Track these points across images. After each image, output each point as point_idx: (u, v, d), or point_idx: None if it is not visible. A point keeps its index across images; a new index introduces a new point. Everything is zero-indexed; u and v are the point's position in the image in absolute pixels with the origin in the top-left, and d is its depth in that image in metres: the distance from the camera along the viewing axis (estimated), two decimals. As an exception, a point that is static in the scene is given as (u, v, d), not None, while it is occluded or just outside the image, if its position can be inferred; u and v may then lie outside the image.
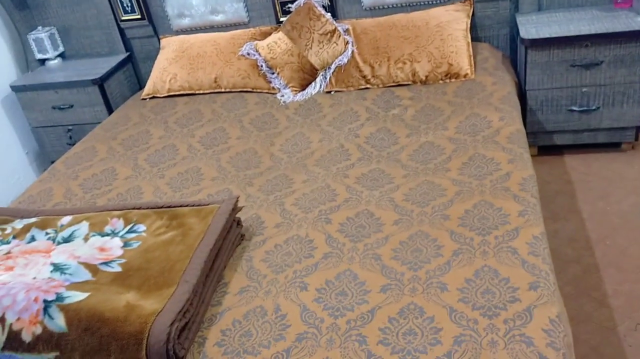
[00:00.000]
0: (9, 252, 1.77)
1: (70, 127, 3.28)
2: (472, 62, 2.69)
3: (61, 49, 3.46)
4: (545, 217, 2.00)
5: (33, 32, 3.36)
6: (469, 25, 2.80)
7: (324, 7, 2.95)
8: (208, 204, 1.88)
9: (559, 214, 2.49)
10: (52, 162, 3.09)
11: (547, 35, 2.58)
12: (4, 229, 1.90)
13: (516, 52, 2.93)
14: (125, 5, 3.24)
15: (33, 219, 1.93)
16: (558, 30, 2.61)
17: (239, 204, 1.95)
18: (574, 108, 2.70)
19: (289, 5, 3.03)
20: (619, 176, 2.65)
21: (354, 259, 1.70)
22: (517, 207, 1.80)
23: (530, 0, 2.84)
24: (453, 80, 2.66)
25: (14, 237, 1.85)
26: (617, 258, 2.23)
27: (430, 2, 2.94)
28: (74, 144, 2.82)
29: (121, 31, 3.35)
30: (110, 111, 3.19)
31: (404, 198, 1.94)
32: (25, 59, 3.45)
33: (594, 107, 2.68)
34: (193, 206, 1.90)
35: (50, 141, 3.37)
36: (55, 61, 3.43)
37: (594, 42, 2.55)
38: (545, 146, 2.87)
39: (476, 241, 1.69)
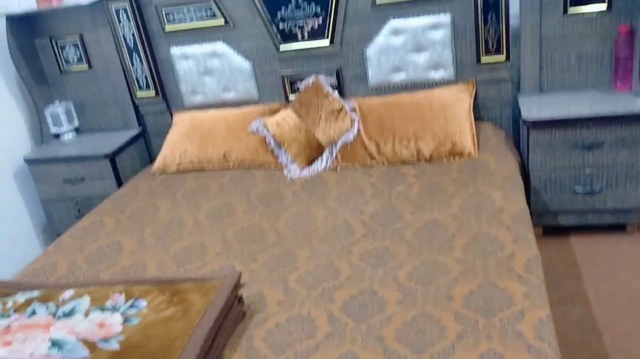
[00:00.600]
0: (8, 327, 1.76)
1: (79, 200, 3.32)
2: (476, 141, 2.74)
3: (76, 123, 3.57)
4: (552, 300, 1.97)
5: (50, 107, 3.48)
6: (471, 106, 2.87)
7: (331, 86, 3.05)
8: (210, 280, 1.88)
9: (565, 297, 2.45)
10: (59, 235, 3.12)
11: (549, 117, 2.64)
12: (5, 303, 1.90)
13: (519, 132, 2.99)
14: (141, 82, 3.37)
15: (35, 293, 1.93)
16: (559, 111, 2.66)
17: (242, 280, 1.95)
18: (578, 189, 2.71)
19: (298, 84, 3.13)
20: (625, 258, 2.63)
21: (357, 340, 1.67)
22: (522, 288, 1.78)
23: (531, 82, 2.92)
24: (457, 158, 2.70)
25: (15, 311, 1.84)
26: (626, 343, 2.17)
27: (434, 83, 3.04)
28: (81, 218, 2.86)
29: (135, 107, 3.47)
30: (120, 184, 3.24)
31: (407, 276, 1.93)
32: (41, 133, 3.55)
33: (597, 189, 2.70)
34: (195, 281, 1.90)
35: (58, 214, 3.41)
36: (69, 135, 3.53)
37: (595, 123, 2.60)
38: (550, 226, 2.86)
39: (481, 324, 1.66)
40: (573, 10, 2.79)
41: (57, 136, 3.56)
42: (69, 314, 1.79)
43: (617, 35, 2.76)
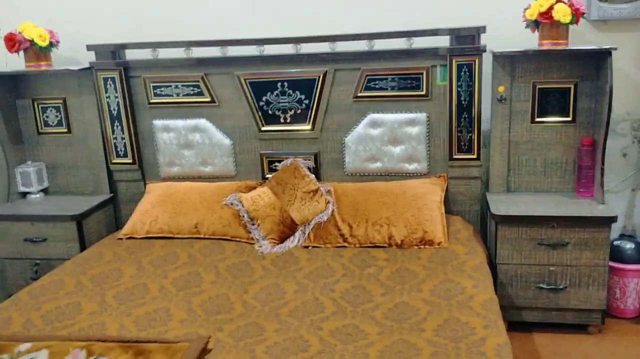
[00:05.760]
0: (-46, 375, 1.64)
1: (38, 261, 3.21)
2: (446, 231, 2.81)
3: (45, 184, 3.52)
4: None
5: (21, 166, 3.44)
6: (442, 198, 2.97)
7: (309, 169, 3.12)
8: (177, 343, 1.82)
9: (531, 392, 2.43)
10: (9, 296, 2.97)
11: (516, 213, 2.75)
12: (-47, 351, 1.78)
13: (486, 228, 3.09)
14: (119, 149, 3.38)
15: (-13, 343, 1.82)
16: (525, 209, 2.79)
17: (208, 348, 1.88)
18: (543, 286, 2.78)
19: (276, 164, 3.20)
20: None
21: (325, 412, 1.62)
22: (493, 372, 1.77)
23: (499, 181, 3.07)
24: (427, 246, 2.74)
25: (-37, 360, 1.73)
26: None
27: (407, 174, 3.15)
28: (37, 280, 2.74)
29: (109, 173, 3.45)
30: (83, 248, 3.15)
31: (379, 355, 1.90)
32: (8, 191, 3.47)
33: (561, 286, 2.76)
34: (161, 343, 1.83)
35: (13, 274, 3.27)
36: (37, 195, 3.46)
37: (560, 223, 2.71)
38: (514, 322, 2.88)
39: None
40: (540, 119, 2.99)
41: (24, 195, 3.48)
42: (22, 366, 1.68)
43: (580, 146, 2.95)
